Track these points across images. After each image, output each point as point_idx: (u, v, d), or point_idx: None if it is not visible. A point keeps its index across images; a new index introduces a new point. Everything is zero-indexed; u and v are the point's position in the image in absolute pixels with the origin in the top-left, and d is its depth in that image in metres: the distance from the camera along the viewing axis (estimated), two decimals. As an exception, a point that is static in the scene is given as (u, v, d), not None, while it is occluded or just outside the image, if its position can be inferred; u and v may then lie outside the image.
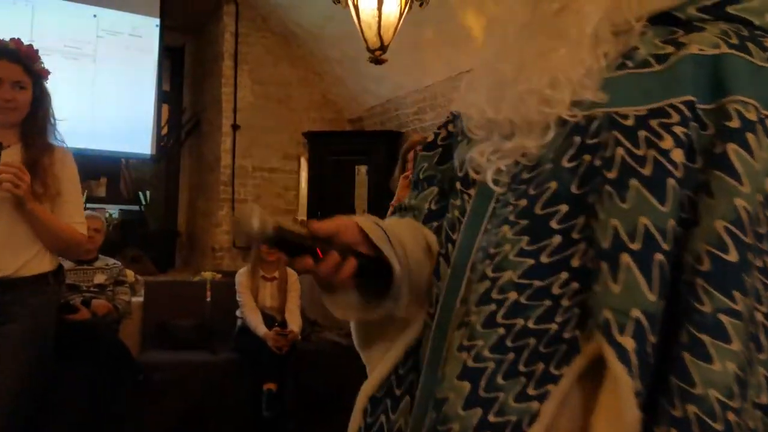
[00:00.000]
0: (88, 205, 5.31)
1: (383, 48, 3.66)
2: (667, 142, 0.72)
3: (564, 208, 0.77)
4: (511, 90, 0.81)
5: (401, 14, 3.65)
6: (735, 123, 0.71)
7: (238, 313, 4.40)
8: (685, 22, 0.78)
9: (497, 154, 0.83)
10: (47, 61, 2.57)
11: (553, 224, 0.77)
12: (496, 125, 0.84)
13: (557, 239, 0.76)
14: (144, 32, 6.49)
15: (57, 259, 2.53)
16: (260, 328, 4.13)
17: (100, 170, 6.98)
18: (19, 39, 2.51)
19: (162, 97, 6.88)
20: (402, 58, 4.62)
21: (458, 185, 0.91)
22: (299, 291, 4.59)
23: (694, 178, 0.72)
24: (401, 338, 0.96)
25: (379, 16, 3.55)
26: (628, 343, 0.69)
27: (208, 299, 4.59)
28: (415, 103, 5.94)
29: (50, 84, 2.58)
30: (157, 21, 6.53)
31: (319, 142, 6.63)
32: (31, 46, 2.51)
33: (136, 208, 7.20)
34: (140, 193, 7.16)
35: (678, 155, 0.71)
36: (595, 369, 0.72)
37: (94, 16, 6.26)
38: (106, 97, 6.23)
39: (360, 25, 3.62)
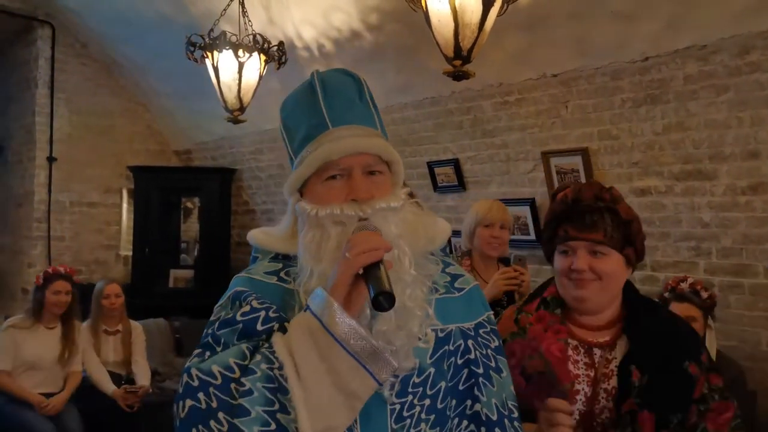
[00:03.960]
0: None
1: (242, 109, 3.74)
2: (493, 343, 1.24)
3: (449, 398, 1.15)
4: (376, 323, 1.09)
5: (260, 77, 3.76)
6: (496, 326, 1.29)
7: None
8: (434, 256, 1.24)
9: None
10: None
11: (447, 412, 1.14)
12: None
13: (456, 421, 1.16)
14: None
15: None
16: (109, 386, 3.99)
17: None
18: None
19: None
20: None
21: None
22: (145, 343, 4.46)
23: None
24: None
25: (240, 80, 3.62)
26: None
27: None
28: (253, 144, 6.01)
29: None
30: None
31: (145, 176, 6.39)
32: None
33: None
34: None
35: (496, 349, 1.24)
36: None
37: None
38: None
39: (219, 87, 3.66)
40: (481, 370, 1.19)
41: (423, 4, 2.68)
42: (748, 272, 3.26)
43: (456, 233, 4.64)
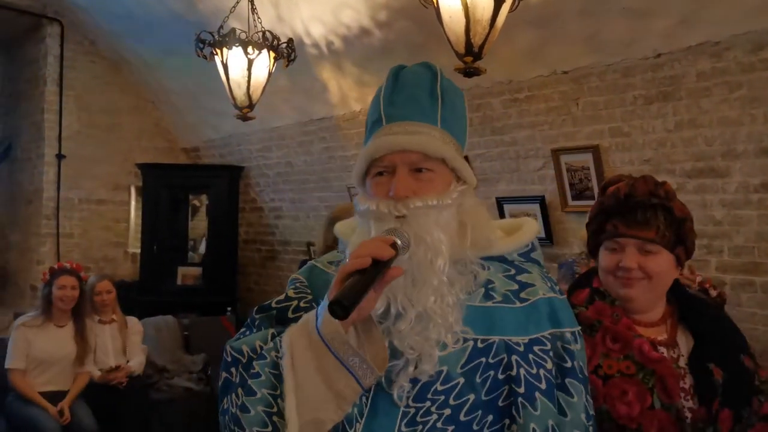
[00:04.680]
0: None
1: (251, 106, 3.73)
2: (549, 364, 1.13)
3: (479, 412, 1.09)
4: (397, 326, 1.08)
5: (269, 75, 3.75)
6: (572, 346, 1.15)
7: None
8: (510, 262, 1.21)
9: (401, 376, 1.08)
10: None
11: (474, 426, 1.08)
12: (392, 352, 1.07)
13: None
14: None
15: None
16: (95, 373, 4.08)
17: None
18: None
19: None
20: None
21: None
22: (142, 334, 4.53)
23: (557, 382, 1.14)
24: None
25: (249, 77, 3.62)
26: None
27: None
28: (261, 141, 6.01)
29: None
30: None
31: (154, 173, 6.40)
32: None
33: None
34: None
35: (553, 371, 1.13)
36: None
37: None
38: None
39: (229, 84, 3.66)
40: (522, 390, 1.09)
41: (434, 1, 2.66)
42: (760, 270, 3.23)
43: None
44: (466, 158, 1.29)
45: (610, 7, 3.19)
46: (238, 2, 3.93)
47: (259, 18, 3.98)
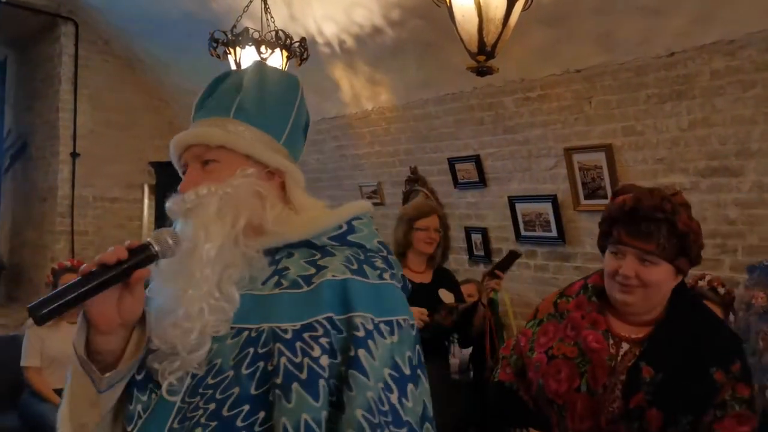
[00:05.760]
0: None
1: (264, 105, 3.75)
2: (317, 351, 1.00)
3: (246, 407, 1.01)
4: (163, 322, 1.06)
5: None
6: (361, 333, 1.02)
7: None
8: (321, 247, 1.11)
9: (169, 371, 1.05)
10: None
11: (239, 422, 1.00)
12: (161, 347, 1.06)
13: None
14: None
15: None
16: None
17: None
18: None
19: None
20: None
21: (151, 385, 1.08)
22: None
23: (338, 371, 1.01)
24: None
25: (262, 76, 3.63)
26: None
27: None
28: (273, 140, 6.03)
29: None
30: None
31: (167, 172, 6.42)
32: None
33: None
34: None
35: (324, 360, 1.00)
36: None
37: None
38: None
39: (242, 83, 3.67)
40: (279, 380, 0.99)
41: (447, 0, 2.67)
42: (774, 270, 3.21)
43: (473, 229, 4.62)
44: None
45: (623, 5, 3.19)
46: (251, 1, 3.95)
47: (272, 17, 4.01)
